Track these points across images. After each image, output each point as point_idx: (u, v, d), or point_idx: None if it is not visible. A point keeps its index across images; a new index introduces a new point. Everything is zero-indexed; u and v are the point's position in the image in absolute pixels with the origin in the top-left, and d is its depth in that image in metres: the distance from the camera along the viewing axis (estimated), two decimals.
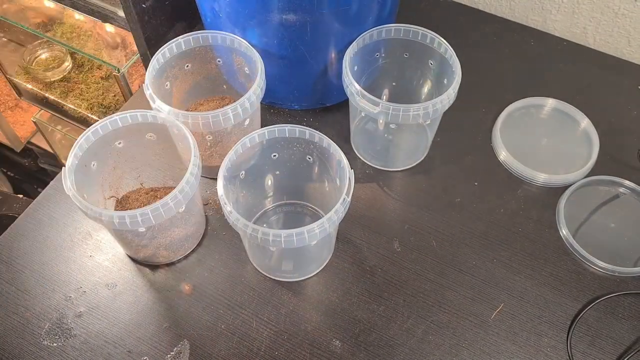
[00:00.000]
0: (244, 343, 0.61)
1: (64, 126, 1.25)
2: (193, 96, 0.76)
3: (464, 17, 0.92)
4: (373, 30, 0.68)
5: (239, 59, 0.70)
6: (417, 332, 0.62)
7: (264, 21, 0.64)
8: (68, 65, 1.15)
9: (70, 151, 0.59)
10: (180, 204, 0.56)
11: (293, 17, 0.63)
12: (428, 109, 0.62)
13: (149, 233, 0.61)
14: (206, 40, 0.69)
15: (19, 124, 1.41)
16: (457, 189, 0.72)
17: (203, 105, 0.77)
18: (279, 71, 0.71)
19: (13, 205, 1.08)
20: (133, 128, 0.62)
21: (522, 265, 0.66)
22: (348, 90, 0.65)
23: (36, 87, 1.15)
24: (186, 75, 0.71)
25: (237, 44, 0.68)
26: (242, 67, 0.71)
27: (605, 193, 0.73)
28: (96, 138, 0.61)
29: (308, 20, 0.63)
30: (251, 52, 0.66)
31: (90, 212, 0.54)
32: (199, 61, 0.71)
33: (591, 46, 0.88)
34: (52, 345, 0.61)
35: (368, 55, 0.71)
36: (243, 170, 0.63)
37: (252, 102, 0.63)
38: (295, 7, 0.62)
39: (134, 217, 0.54)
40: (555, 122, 0.79)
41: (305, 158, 0.64)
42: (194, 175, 0.58)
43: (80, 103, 1.11)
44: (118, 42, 0.99)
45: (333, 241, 0.65)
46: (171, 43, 0.67)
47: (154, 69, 0.65)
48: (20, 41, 1.18)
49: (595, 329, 0.62)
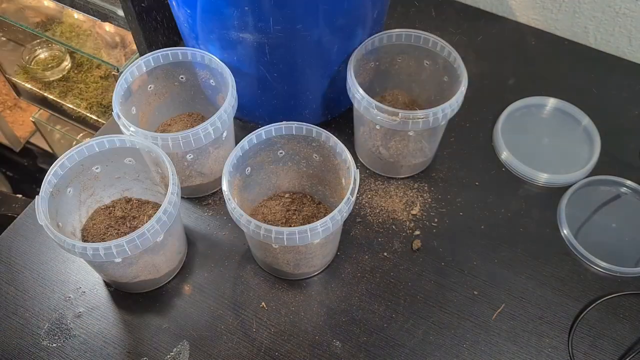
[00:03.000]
0: (243, 343, 0.61)
1: (63, 126, 1.25)
2: (159, 117, 0.74)
3: (464, 16, 0.91)
4: (375, 37, 0.68)
5: (203, 72, 0.69)
6: (417, 332, 0.61)
7: (223, 37, 0.63)
8: (67, 65, 1.15)
9: (45, 177, 0.56)
10: (158, 233, 0.54)
11: (250, 37, 0.61)
12: (438, 114, 0.62)
13: (125, 261, 0.58)
14: (167, 59, 0.67)
15: (18, 124, 1.41)
16: (458, 189, 0.72)
17: (171, 125, 0.75)
18: (246, 89, 0.69)
19: (12, 205, 1.08)
20: (110, 153, 0.61)
21: (523, 265, 0.66)
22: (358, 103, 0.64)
23: (35, 86, 1.15)
24: (150, 96, 0.70)
25: (199, 58, 0.67)
26: (208, 80, 0.70)
27: (607, 193, 0.73)
28: (72, 164, 0.59)
29: (266, 42, 0.62)
30: (217, 65, 0.65)
31: (65, 244, 0.52)
32: (162, 80, 0.69)
33: (592, 45, 0.88)
34: (52, 346, 0.61)
35: (366, 62, 0.70)
36: (249, 167, 0.63)
37: (224, 120, 0.62)
38: (251, 28, 0.60)
39: (109, 249, 0.52)
40: (557, 121, 0.79)
41: (311, 156, 0.64)
42: (172, 204, 0.56)
43: (80, 102, 1.11)
44: (117, 41, 0.99)
45: (337, 241, 0.65)
46: (132, 66, 0.65)
47: (119, 95, 0.63)
48: (19, 40, 1.18)
49: (597, 329, 0.62)
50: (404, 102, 0.76)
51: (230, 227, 0.69)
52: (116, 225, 0.66)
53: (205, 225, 0.69)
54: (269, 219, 0.67)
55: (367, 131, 0.68)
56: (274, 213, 0.67)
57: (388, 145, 0.68)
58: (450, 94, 0.67)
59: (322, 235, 0.54)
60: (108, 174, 0.64)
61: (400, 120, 0.62)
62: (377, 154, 0.70)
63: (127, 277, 0.60)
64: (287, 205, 0.68)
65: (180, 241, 0.64)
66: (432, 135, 0.69)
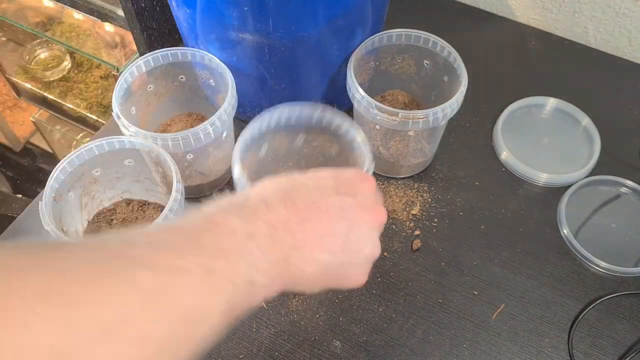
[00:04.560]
0: (243, 343, 0.61)
1: (63, 126, 1.25)
2: (159, 117, 0.73)
3: (465, 16, 0.91)
4: (375, 37, 0.68)
5: (203, 72, 0.69)
6: (417, 332, 0.61)
7: (222, 37, 0.63)
8: (67, 65, 1.15)
9: (47, 182, 0.56)
10: None
11: (250, 37, 0.61)
12: (437, 114, 0.62)
13: None
14: (166, 59, 0.67)
15: (18, 124, 1.41)
16: (458, 189, 0.72)
17: (171, 125, 0.74)
18: (245, 89, 0.69)
19: (12, 205, 1.08)
20: (110, 155, 0.60)
21: (523, 265, 0.66)
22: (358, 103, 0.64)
23: (35, 86, 1.15)
24: (150, 96, 0.69)
25: (199, 58, 0.66)
26: (207, 80, 0.69)
27: (607, 193, 0.73)
28: (72, 168, 0.59)
29: (265, 43, 0.62)
30: (217, 65, 0.65)
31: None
32: (161, 80, 0.69)
33: (592, 45, 0.88)
34: None
35: (366, 62, 0.70)
36: (264, 149, 0.60)
37: (224, 120, 0.61)
38: (250, 28, 0.60)
39: None
40: (557, 121, 0.79)
41: (327, 147, 0.62)
42: (173, 211, 0.55)
43: (80, 102, 1.11)
44: (117, 41, 0.99)
45: None
46: (132, 66, 0.65)
47: (119, 95, 0.63)
48: (20, 40, 1.18)
49: (597, 329, 0.62)
50: (404, 102, 0.76)
51: None
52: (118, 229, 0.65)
53: None
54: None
55: (367, 131, 0.68)
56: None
57: (388, 145, 0.68)
58: (450, 93, 0.67)
59: None
60: (108, 176, 0.64)
61: (400, 120, 0.62)
62: (377, 154, 0.70)
63: None
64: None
65: None
66: (432, 135, 0.69)
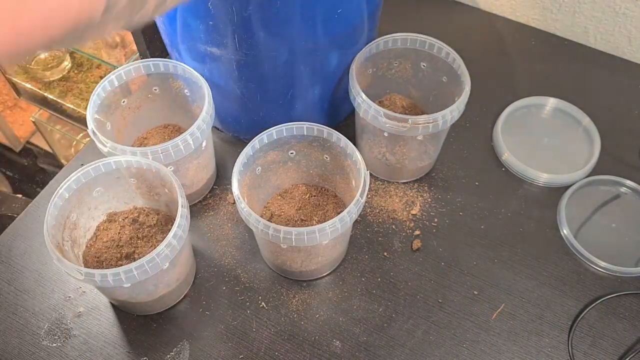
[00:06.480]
0: (243, 343, 0.61)
1: (63, 126, 1.25)
2: (135, 132, 0.72)
3: (465, 17, 0.91)
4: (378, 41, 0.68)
5: (177, 82, 0.68)
6: (417, 332, 0.61)
7: (193, 49, 0.63)
8: (67, 65, 1.15)
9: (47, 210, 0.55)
10: (167, 258, 0.53)
11: (217, 51, 0.60)
12: (446, 117, 0.62)
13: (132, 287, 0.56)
14: (138, 71, 0.66)
15: (18, 124, 1.41)
16: (458, 189, 0.72)
17: (148, 139, 0.73)
18: (220, 99, 0.68)
19: (12, 205, 1.08)
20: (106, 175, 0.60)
21: (523, 265, 0.66)
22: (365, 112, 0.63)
23: (35, 86, 1.15)
24: (124, 111, 0.68)
25: (172, 68, 0.66)
26: (182, 90, 0.69)
27: (607, 193, 0.73)
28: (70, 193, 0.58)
29: (233, 58, 0.61)
30: (191, 75, 0.65)
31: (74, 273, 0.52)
32: (135, 93, 0.68)
33: (592, 45, 0.88)
34: (52, 346, 0.61)
35: (364, 69, 0.70)
36: (259, 166, 0.62)
37: (203, 129, 0.61)
38: (216, 42, 0.59)
39: (117, 275, 0.51)
40: (557, 121, 0.79)
41: (322, 157, 0.64)
42: (182, 228, 0.54)
43: (80, 102, 1.11)
44: (117, 41, 0.99)
45: (346, 242, 0.65)
46: (104, 81, 0.64)
47: (92, 111, 0.62)
48: None
49: (597, 329, 0.62)
50: (402, 105, 0.76)
51: (229, 227, 0.69)
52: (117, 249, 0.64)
53: (205, 225, 0.69)
54: (277, 219, 0.66)
55: (372, 138, 0.68)
56: (283, 213, 0.67)
57: (394, 150, 0.68)
58: (449, 94, 0.67)
59: (331, 236, 0.54)
60: (105, 194, 0.63)
61: (410, 126, 0.62)
62: (384, 160, 0.70)
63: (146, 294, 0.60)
64: (297, 205, 0.68)
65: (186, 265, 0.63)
66: (436, 138, 0.69)
